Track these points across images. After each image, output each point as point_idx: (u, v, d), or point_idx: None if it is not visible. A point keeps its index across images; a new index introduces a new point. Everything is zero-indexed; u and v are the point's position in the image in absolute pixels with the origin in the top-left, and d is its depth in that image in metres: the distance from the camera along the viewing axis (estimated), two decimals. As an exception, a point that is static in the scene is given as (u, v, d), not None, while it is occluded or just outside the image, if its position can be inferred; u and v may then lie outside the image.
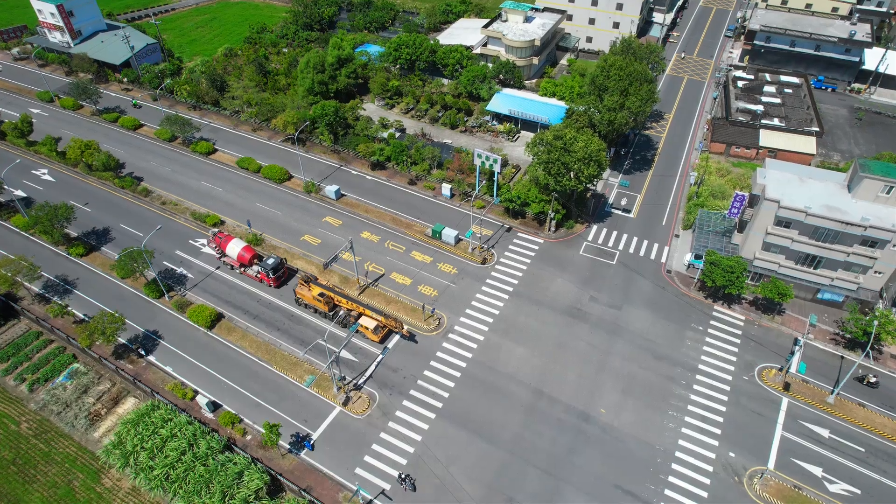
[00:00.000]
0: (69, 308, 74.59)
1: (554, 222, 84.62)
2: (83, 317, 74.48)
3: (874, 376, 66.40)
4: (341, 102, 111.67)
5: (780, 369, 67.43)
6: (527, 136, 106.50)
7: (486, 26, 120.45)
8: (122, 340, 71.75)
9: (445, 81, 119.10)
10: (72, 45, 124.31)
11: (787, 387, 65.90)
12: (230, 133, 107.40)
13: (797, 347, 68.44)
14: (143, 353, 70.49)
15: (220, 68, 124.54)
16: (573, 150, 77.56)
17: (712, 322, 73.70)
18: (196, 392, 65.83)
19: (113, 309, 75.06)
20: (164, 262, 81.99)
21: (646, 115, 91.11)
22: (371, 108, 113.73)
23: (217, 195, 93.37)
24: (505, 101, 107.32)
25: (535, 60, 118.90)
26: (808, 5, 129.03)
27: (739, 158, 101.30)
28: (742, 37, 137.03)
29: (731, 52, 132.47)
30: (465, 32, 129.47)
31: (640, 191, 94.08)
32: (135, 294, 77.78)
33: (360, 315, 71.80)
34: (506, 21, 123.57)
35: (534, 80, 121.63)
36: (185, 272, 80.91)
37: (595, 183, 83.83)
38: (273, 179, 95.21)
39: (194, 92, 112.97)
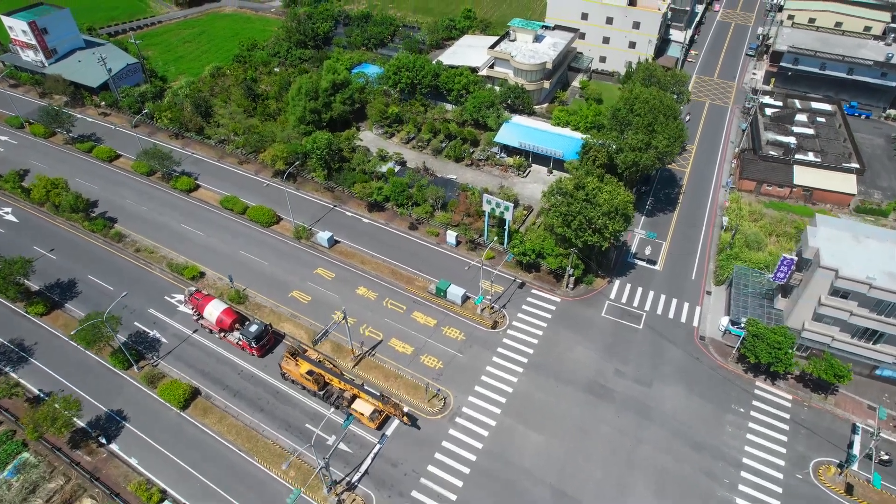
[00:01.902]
0: (18, 388, 64.66)
1: (572, 278, 74.87)
2: (38, 392, 64.71)
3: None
4: (336, 131, 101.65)
5: (840, 466, 57.85)
6: (538, 170, 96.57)
7: (492, 46, 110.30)
8: (80, 424, 61.96)
9: (449, 107, 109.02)
10: (46, 64, 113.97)
11: (849, 489, 56.32)
12: (214, 166, 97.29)
13: (856, 436, 58.97)
14: (104, 441, 60.67)
15: (206, 89, 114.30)
16: (597, 203, 67.74)
17: (755, 402, 64.02)
18: (163, 495, 56.02)
19: (74, 381, 65.58)
20: (136, 323, 72.14)
21: (674, 155, 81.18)
22: (368, 137, 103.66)
23: (198, 240, 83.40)
24: (514, 131, 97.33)
25: (546, 84, 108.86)
26: (839, 24, 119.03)
27: (771, 197, 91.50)
28: (765, 56, 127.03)
29: (754, 74, 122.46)
30: (469, 51, 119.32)
31: (666, 236, 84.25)
32: (99, 364, 67.91)
33: (353, 397, 62.05)
34: (514, 41, 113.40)
35: (544, 105, 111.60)
36: (158, 336, 71.04)
37: (620, 237, 73.96)
38: (260, 222, 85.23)
39: (177, 118, 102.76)
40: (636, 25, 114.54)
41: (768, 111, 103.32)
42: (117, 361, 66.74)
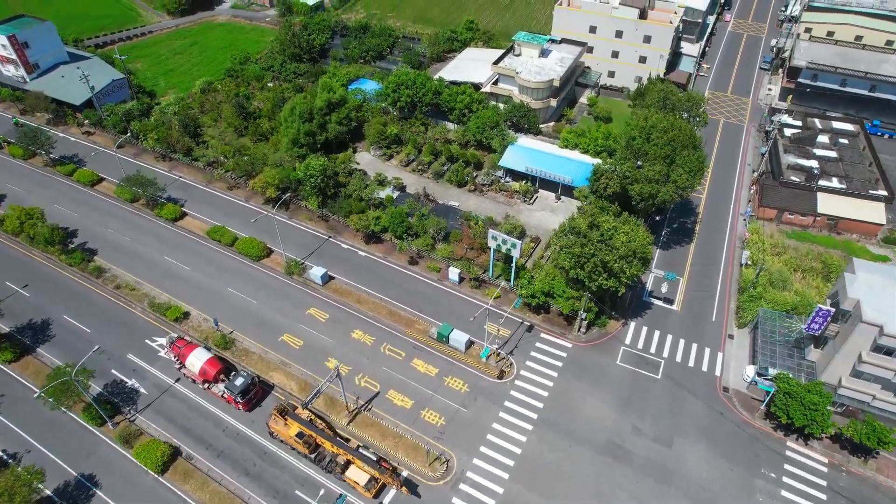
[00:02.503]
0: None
1: (585, 322, 68.98)
2: (1, 454, 58.80)
3: None
4: (331, 153, 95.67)
5: (884, 545, 52.16)
6: (546, 196, 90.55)
7: (496, 62, 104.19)
8: (46, 492, 56.07)
9: (451, 126, 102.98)
10: (27, 79, 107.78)
11: (896, 574, 50.65)
12: (202, 191, 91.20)
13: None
14: (72, 512, 54.94)
15: (195, 106, 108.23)
16: (613, 245, 61.78)
17: (787, 466, 58.11)
18: (134, 580, 50.32)
19: (42, 440, 59.76)
20: (113, 371, 66.24)
21: (694, 189, 75.10)
22: (366, 159, 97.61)
23: (183, 275, 77.43)
24: (520, 154, 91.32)
25: (553, 102, 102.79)
26: (858, 38, 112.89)
27: (794, 226, 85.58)
28: (780, 70, 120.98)
29: (769, 90, 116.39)
30: (472, 66, 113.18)
31: (683, 272, 78.34)
32: (72, 420, 62.01)
33: (347, 463, 56.16)
34: (519, 55, 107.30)
35: (550, 124, 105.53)
36: (136, 385, 65.12)
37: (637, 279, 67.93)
38: (249, 256, 79.25)
39: (164, 139, 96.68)
40: (647, 40, 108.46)
41: (787, 131, 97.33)
42: (90, 417, 60.83)
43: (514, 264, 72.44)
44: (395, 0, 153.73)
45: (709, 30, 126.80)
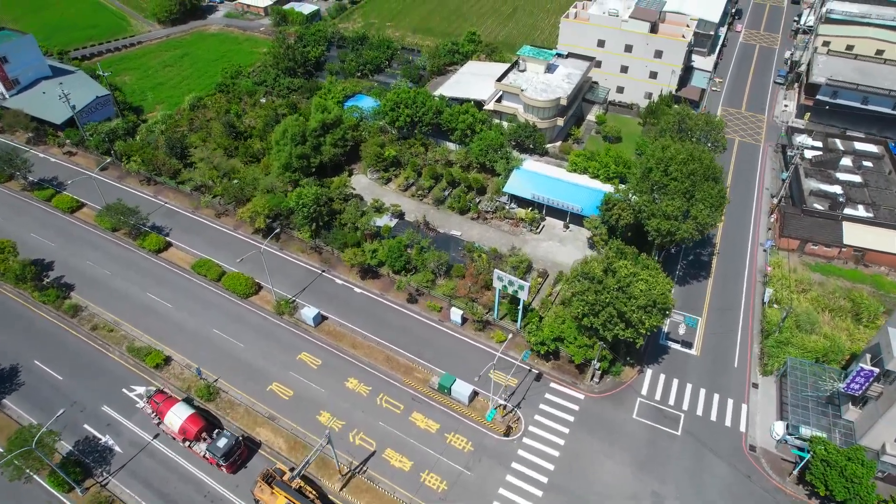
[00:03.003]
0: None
1: (598, 371, 63.34)
2: (-40, 527, 53.27)
3: None
4: (325, 177, 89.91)
5: None
6: (553, 224, 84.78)
7: (500, 78, 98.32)
8: (7, 573, 50.55)
9: (452, 146, 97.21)
10: (6, 96, 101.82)
11: None
12: (189, 219, 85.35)
13: None
14: None
15: (184, 124, 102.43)
16: (632, 294, 56.08)
17: (824, 540, 52.72)
18: None
19: (4, 511, 53.99)
20: (85, 426, 60.54)
21: (715, 226, 69.23)
22: (362, 183, 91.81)
23: (165, 313, 71.71)
24: (525, 180, 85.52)
25: (560, 121, 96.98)
26: (880, 52, 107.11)
27: (817, 258, 79.92)
28: (796, 85, 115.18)
29: (785, 106, 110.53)
30: (474, 81, 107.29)
31: (701, 309, 72.64)
32: (38, 486, 56.29)
33: (339, 541, 50.61)
34: (523, 71, 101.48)
35: (557, 144, 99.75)
36: (110, 443, 59.42)
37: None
38: (237, 293, 73.51)
39: (149, 160, 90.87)
40: (658, 54, 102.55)
41: (807, 153, 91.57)
42: (56, 483, 55.15)
43: (521, 306, 66.75)
44: (394, 9, 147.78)
45: (720, 42, 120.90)
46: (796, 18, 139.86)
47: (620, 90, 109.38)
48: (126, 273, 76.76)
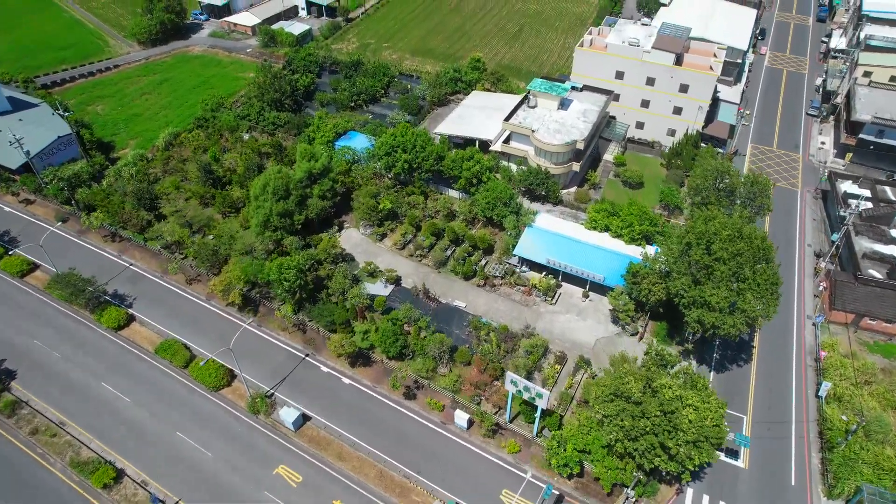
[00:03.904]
0: None
1: (633, 501, 52.34)
2: None
3: None
4: (311, 233, 78.73)
5: None
6: (571, 292, 73.59)
7: (508, 117, 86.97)
8: None
9: (455, 194, 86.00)
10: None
11: None
12: (156, 285, 74.05)
13: None
14: None
15: (158, 165, 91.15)
16: (678, 424, 45.02)
17: None
18: None
19: None
20: (15, 569, 49.66)
21: (769, 319, 57.84)
22: (354, 238, 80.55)
23: (122, 411, 60.57)
24: (539, 241, 74.32)
25: (576, 167, 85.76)
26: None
27: (875, 334, 68.86)
28: (832, 118, 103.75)
29: (822, 144, 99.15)
30: (478, 116, 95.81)
31: (745, 409, 61.55)
32: None
33: None
34: (534, 107, 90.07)
35: (572, 190, 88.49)
36: None
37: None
38: (206, 385, 62.40)
39: (116, 212, 79.66)
40: (684, 89, 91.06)
41: (851, 202, 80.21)
42: None
43: (538, 415, 55.62)
44: (391, 28, 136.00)
45: (747, 69, 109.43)
46: (824, 39, 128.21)
47: (640, 126, 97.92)
48: (79, 356, 65.57)
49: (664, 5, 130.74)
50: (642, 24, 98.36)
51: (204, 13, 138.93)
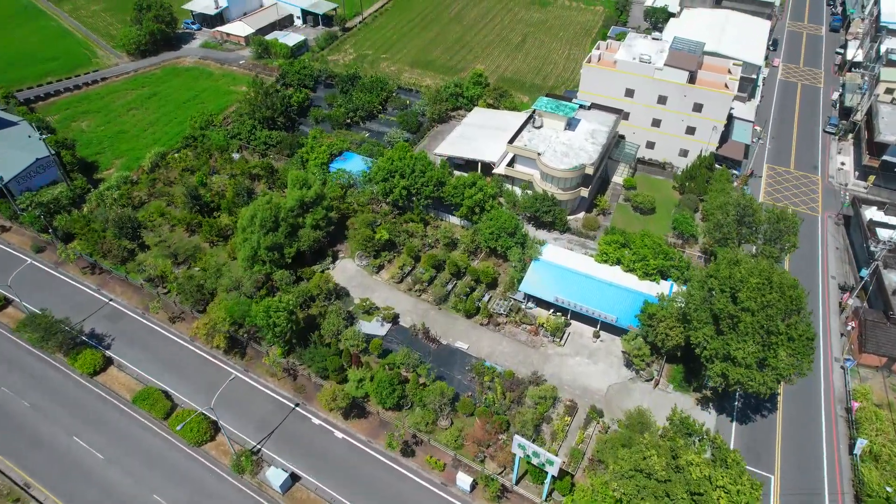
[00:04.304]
0: None
1: (654, 581, 47.15)
2: None
3: None
4: (303, 265, 73.50)
5: None
6: (581, 330, 68.36)
7: (512, 139, 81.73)
8: None
9: (457, 221, 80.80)
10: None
11: None
12: (137, 324, 68.75)
13: None
14: None
15: (143, 188, 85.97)
16: (709, 509, 39.85)
17: None
18: None
19: None
20: None
21: (804, 375, 52.63)
22: (349, 271, 75.31)
23: (93, 470, 55.32)
24: (546, 275, 69.07)
25: (584, 192, 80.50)
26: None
27: (907, 380, 63.78)
28: (851, 136, 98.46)
29: (841, 165, 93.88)
30: (481, 135, 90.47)
31: (772, 467, 56.39)
32: None
33: None
34: (539, 127, 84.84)
35: (580, 215, 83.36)
36: None
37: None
38: (187, 440, 57.19)
39: (96, 241, 74.48)
40: (697, 108, 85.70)
41: (882, 234, 75.01)
42: None
43: (548, 480, 50.48)
44: (389, 39, 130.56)
45: (761, 83, 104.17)
46: (839, 51, 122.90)
47: (651, 146, 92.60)
48: (50, 405, 60.34)
49: (673, 15, 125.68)
50: (653, 39, 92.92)
51: (196, 22, 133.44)
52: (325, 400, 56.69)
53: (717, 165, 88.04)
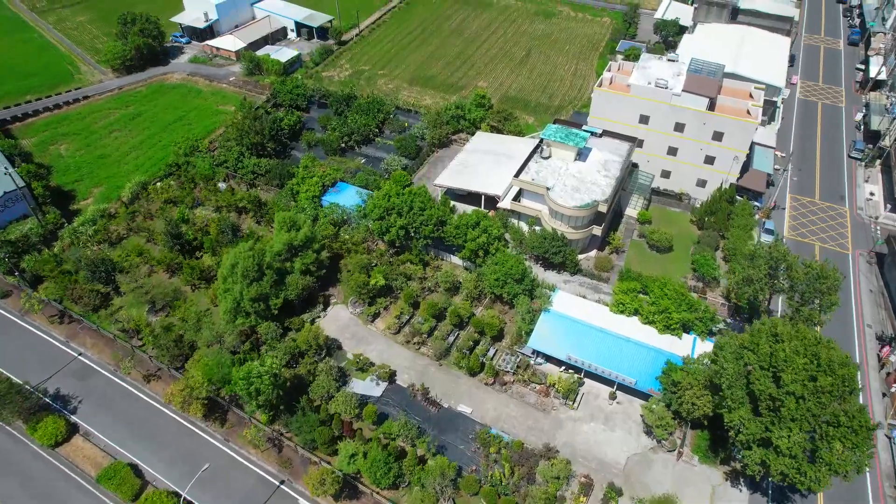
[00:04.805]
0: None
1: None
2: None
3: None
4: (291, 315, 66.77)
5: None
6: (595, 390, 61.62)
7: (518, 173, 75.05)
8: None
9: (458, 262, 74.16)
10: None
11: None
12: (108, 382, 61.98)
13: None
14: None
15: (121, 222, 79.32)
16: None
17: None
18: None
19: None
20: None
21: (861, 472, 45.93)
22: (342, 319, 68.56)
23: (52, 561, 48.92)
24: (557, 330, 62.35)
25: (597, 230, 73.78)
26: None
27: (957, 449, 57.17)
28: (878, 163, 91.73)
29: (870, 195, 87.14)
30: (484, 163, 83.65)
31: (816, 556, 49.93)
32: None
33: None
34: (547, 157, 78.13)
35: (591, 254, 76.74)
36: None
37: None
38: (155, 527, 50.63)
39: (66, 284, 67.87)
40: (717, 136, 78.94)
41: (919, 277, 68.47)
42: None
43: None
44: (387, 53, 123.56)
45: (781, 105, 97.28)
46: (860, 66, 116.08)
47: (666, 175, 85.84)
48: (4, 483, 53.70)
49: (684, 29, 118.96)
50: (668, 60, 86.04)
51: (185, 35, 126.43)
52: (313, 485, 50.00)
53: (737, 197, 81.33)
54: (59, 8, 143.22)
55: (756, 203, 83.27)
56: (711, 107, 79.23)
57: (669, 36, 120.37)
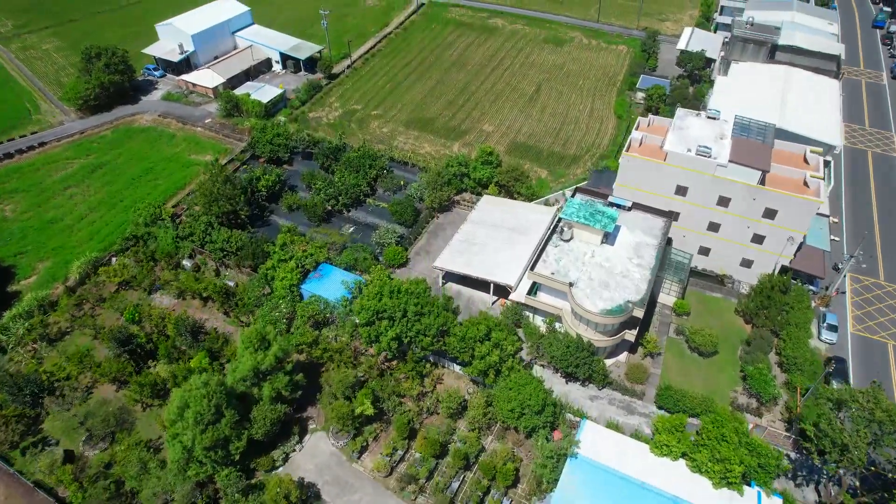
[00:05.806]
0: None
1: None
2: None
3: None
4: (258, 453, 53.68)
5: None
6: (635, 564, 48.76)
7: (534, 264, 61.92)
8: None
9: (461, 371, 61.03)
10: None
11: None
12: (25, 552, 49.31)
13: None
14: None
15: (64, 314, 66.22)
16: None
17: None
18: None
19: None
20: None
21: None
22: (321, 455, 55.35)
23: None
24: (587, 483, 49.21)
25: (630, 335, 60.53)
26: None
27: None
28: (946, 233, 78.43)
29: (943, 275, 73.92)
30: (492, 240, 70.42)
31: None
32: None
33: None
34: (568, 240, 64.89)
35: (621, 358, 63.61)
36: None
37: None
38: None
39: (-12, 408, 55.04)
40: (770, 214, 65.57)
41: None
42: None
43: None
44: (381, 90, 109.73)
45: (832, 163, 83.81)
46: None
47: (705, 252, 72.52)
48: None
49: (710, 60, 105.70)
50: (708, 118, 72.60)
51: (159, 68, 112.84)
52: None
53: (794, 282, 68.16)
54: (26, 33, 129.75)
55: (811, 287, 70.13)
56: (762, 177, 65.89)
57: (696, 69, 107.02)
